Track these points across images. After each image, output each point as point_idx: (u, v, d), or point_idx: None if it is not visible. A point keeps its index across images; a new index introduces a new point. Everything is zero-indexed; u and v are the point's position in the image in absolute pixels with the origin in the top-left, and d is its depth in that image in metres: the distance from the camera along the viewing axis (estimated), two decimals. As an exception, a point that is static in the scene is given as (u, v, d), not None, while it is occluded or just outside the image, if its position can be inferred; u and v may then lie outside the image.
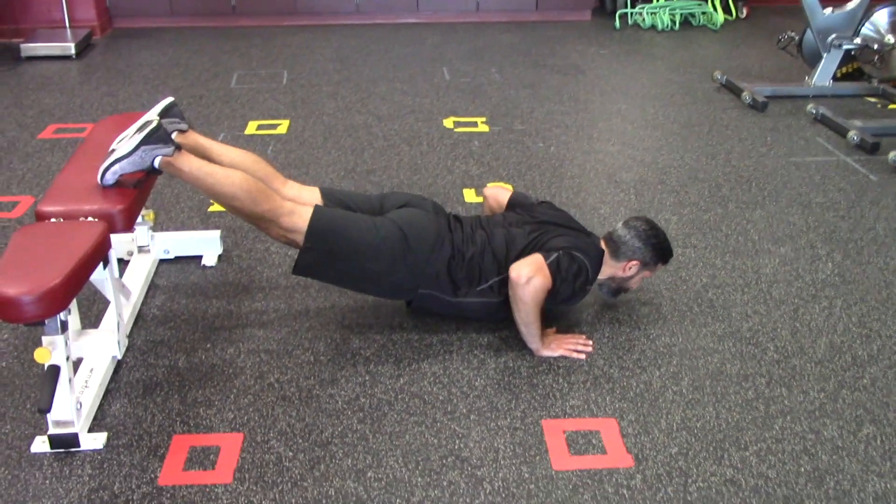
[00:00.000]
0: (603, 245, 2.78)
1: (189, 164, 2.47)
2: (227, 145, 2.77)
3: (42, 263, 2.09)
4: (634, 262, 2.75)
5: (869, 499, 2.12)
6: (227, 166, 2.57)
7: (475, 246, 2.66)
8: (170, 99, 2.69)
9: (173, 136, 2.53)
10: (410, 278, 2.63)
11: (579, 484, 2.16)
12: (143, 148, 2.40)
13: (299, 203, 2.60)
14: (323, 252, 2.56)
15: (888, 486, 2.16)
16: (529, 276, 2.52)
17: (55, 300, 2.03)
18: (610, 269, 2.78)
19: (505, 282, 2.61)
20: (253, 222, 2.56)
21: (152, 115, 2.52)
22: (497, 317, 2.74)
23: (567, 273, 2.61)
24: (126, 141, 2.42)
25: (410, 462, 2.22)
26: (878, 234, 3.49)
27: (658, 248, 2.77)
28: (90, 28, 6.34)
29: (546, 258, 2.57)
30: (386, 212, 2.70)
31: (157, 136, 2.41)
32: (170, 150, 2.42)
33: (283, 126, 4.64)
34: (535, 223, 2.77)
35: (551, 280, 2.56)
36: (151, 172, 2.48)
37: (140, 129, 2.41)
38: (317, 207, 2.57)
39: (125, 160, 2.41)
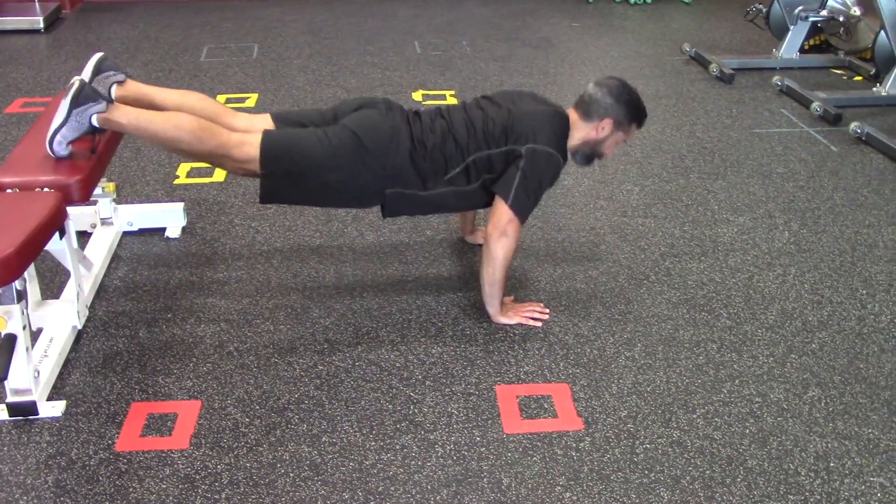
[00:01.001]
0: (572, 111, 2.71)
1: (126, 115, 2.44)
2: (170, 89, 2.73)
3: (-5, 233, 2.10)
4: (607, 121, 2.65)
5: (810, 458, 2.18)
6: (172, 110, 2.54)
7: (436, 135, 2.60)
8: (99, 54, 2.65)
9: (112, 88, 2.52)
10: (374, 179, 2.57)
11: (529, 446, 2.21)
12: (74, 111, 2.38)
13: (250, 132, 2.54)
14: (281, 175, 2.52)
15: (829, 446, 2.23)
16: (502, 229, 2.54)
17: (8, 269, 2.05)
18: (581, 131, 2.69)
19: (470, 167, 2.59)
20: (206, 161, 2.54)
21: (79, 77, 2.49)
22: (471, 203, 2.72)
23: (536, 179, 2.57)
24: (59, 109, 2.41)
25: (365, 427, 2.27)
26: (835, 203, 3.55)
27: (631, 105, 2.66)
28: (59, 2, 6.28)
29: (508, 196, 2.55)
30: (340, 120, 2.64)
31: (84, 96, 2.38)
32: (102, 105, 2.39)
33: (251, 99, 4.64)
34: (491, 103, 2.71)
35: (526, 208, 2.57)
36: (95, 132, 2.47)
37: (67, 94, 2.40)
38: (265, 132, 2.52)
39: (64, 128, 2.40)
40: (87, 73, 2.56)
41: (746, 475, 2.13)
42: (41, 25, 5.86)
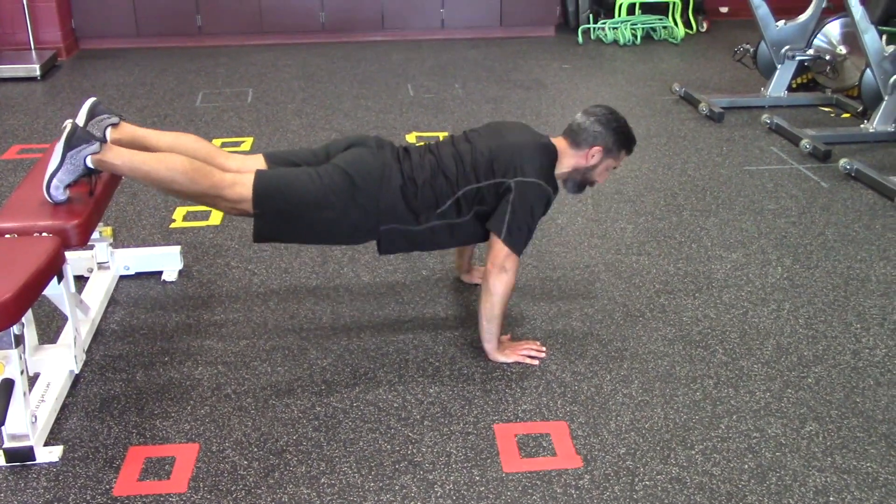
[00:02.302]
0: (561, 140, 2.74)
1: (120, 156, 2.46)
2: (163, 131, 2.76)
3: (-6, 278, 2.11)
4: (597, 149, 2.68)
5: (809, 493, 2.18)
6: (164, 151, 2.57)
7: (425, 171, 2.63)
8: (92, 99, 2.69)
9: (107, 131, 2.55)
10: (367, 217, 2.59)
11: (529, 485, 2.20)
12: (68, 154, 2.41)
13: (242, 173, 2.57)
14: (274, 214, 2.54)
15: (828, 480, 2.23)
16: (501, 264, 2.57)
17: (7, 314, 2.06)
18: (572, 159, 2.72)
19: (461, 201, 2.61)
20: (200, 202, 2.56)
21: (71, 121, 2.52)
22: (463, 238, 2.72)
23: (528, 213, 2.59)
24: (54, 153, 2.44)
25: (364, 468, 2.26)
26: (827, 238, 3.58)
27: (620, 132, 2.69)
28: (56, 50, 6.36)
29: (501, 232, 2.57)
30: (332, 159, 2.67)
31: (77, 139, 2.41)
32: (95, 146, 2.42)
33: (246, 143, 4.68)
34: (480, 136, 2.74)
35: (519, 244, 2.59)
36: (92, 174, 2.49)
37: (59, 138, 2.43)
38: (258, 172, 2.55)
39: (59, 171, 2.43)
40: (81, 118, 2.59)
41: (746, 511, 2.13)
42: (38, 73, 5.92)
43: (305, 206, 2.55)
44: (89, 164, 2.44)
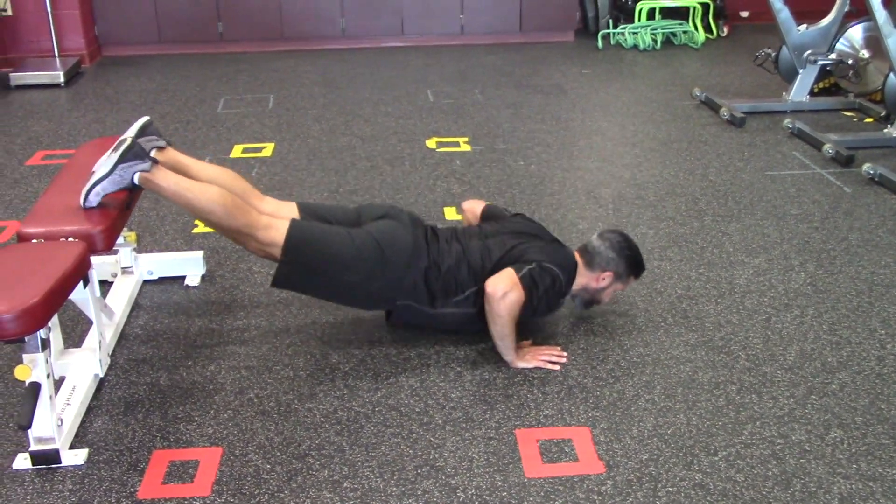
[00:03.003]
0: (577, 256, 2.84)
1: (167, 179, 2.53)
2: (205, 162, 2.84)
3: (22, 282, 2.14)
4: (608, 273, 2.82)
5: (834, 500, 2.17)
6: (204, 182, 2.62)
7: (451, 258, 2.71)
8: (146, 118, 2.75)
9: (152, 153, 2.60)
10: (387, 290, 2.68)
11: (551, 491, 2.20)
12: (120, 166, 2.47)
13: (276, 217, 2.65)
14: (300, 265, 2.61)
15: (853, 487, 2.21)
16: (505, 290, 2.58)
17: (35, 318, 2.08)
18: (584, 279, 2.83)
19: (480, 293, 2.66)
20: (231, 237, 2.63)
21: (128, 134, 2.59)
22: (474, 328, 2.78)
23: (540, 285, 2.66)
24: (104, 162, 2.48)
25: (386, 472, 2.27)
26: (850, 244, 3.56)
27: (631, 260, 2.84)
28: (79, 57, 6.43)
29: (518, 272, 2.62)
30: (363, 224, 2.75)
31: (132, 154, 2.48)
32: (147, 165, 2.49)
33: (268, 149, 4.71)
34: (509, 234, 2.83)
35: (525, 295, 2.62)
36: (133, 190, 2.55)
37: (116, 149, 2.48)
38: (293, 221, 2.63)
39: (106, 180, 2.48)
40: (131, 133, 2.64)
41: (771, 518, 2.11)
42: (61, 80, 5.98)
43: (332, 266, 2.63)
44: (136, 180, 2.51)
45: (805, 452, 2.34)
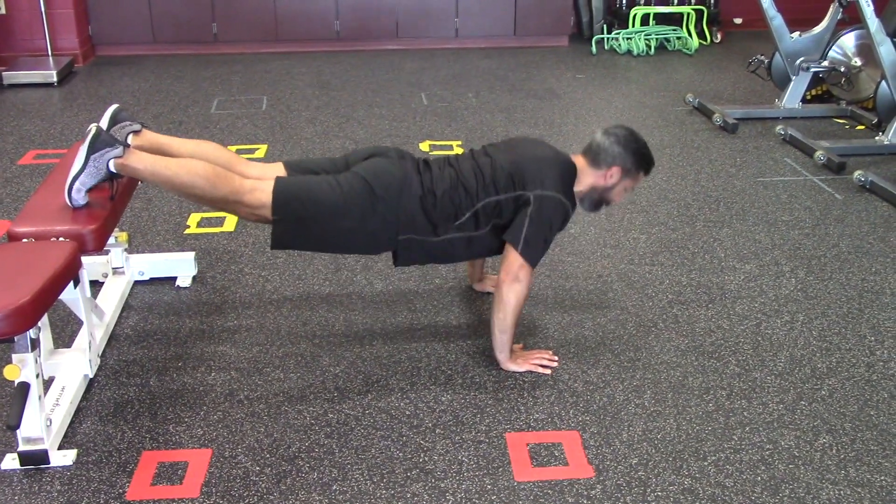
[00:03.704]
0: (580, 158, 2.75)
1: (142, 161, 2.49)
2: (184, 139, 2.78)
3: (11, 282, 2.13)
4: (615, 169, 2.70)
5: (823, 506, 2.18)
6: (186, 157, 2.59)
7: (445, 182, 2.64)
8: (115, 106, 2.72)
9: (129, 138, 2.58)
10: (385, 226, 2.61)
11: (540, 494, 2.20)
12: (92, 157, 2.44)
13: (263, 179, 2.59)
14: (293, 221, 2.56)
15: (841, 493, 2.22)
16: (515, 275, 2.58)
17: (24, 317, 2.07)
18: (590, 178, 2.73)
19: (479, 213, 2.62)
20: (220, 207, 2.58)
21: (93, 125, 2.54)
22: (481, 249, 2.73)
23: (542, 229, 2.60)
24: (78, 157, 2.46)
25: (375, 475, 2.26)
26: (841, 250, 3.57)
27: (638, 154, 2.71)
28: (73, 56, 6.41)
29: (517, 244, 2.58)
30: (351, 168, 2.68)
31: (101, 142, 2.45)
32: (119, 150, 2.45)
33: (261, 150, 4.71)
34: (499, 150, 2.76)
35: (537, 253, 2.60)
36: (113, 179, 2.52)
37: (83, 140, 2.46)
38: (278, 179, 2.57)
39: (82, 175, 2.46)
40: (104, 123, 2.62)
41: (759, 523, 2.12)
42: (54, 79, 5.97)
43: (324, 214, 2.57)
44: (112, 168, 2.47)
45: (794, 458, 2.35)
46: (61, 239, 2.40)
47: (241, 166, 2.69)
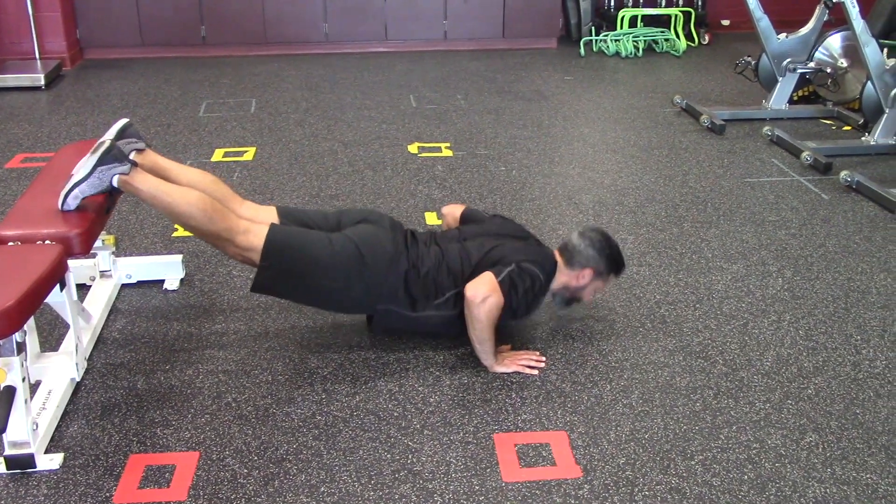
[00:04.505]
0: (557, 255, 2.84)
1: (146, 182, 2.52)
2: (185, 166, 2.82)
3: (-3, 285, 2.12)
4: (588, 271, 2.81)
5: (809, 504, 2.19)
6: (184, 186, 2.61)
7: (430, 261, 2.71)
8: (125, 120, 2.74)
9: (131, 155, 2.59)
10: (367, 294, 2.67)
11: (528, 495, 2.21)
12: (99, 169, 2.45)
13: (256, 222, 2.64)
14: (279, 270, 2.60)
15: (827, 491, 2.23)
16: (485, 295, 2.58)
17: (9, 321, 2.07)
18: (564, 277, 2.82)
19: (461, 295, 2.66)
20: (210, 241, 2.61)
21: (107, 137, 2.57)
22: (455, 330, 2.77)
23: (520, 287, 2.66)
24: (83, 164, 2.47)
25: (363, 477, 2.27)
26: (827, 250, 3.59)
27: (611, 258, 2.84)
28: (60, 59, 6.39)
29: (498, 275, 2.63)
30: (343, 228, 2.74)
31: (111, 156, 2.47)
32: (126, 167, 2.48)
33: (249, 153, 4.70)
34: (487, 235, 2.84)
35: (505, 298, 2.62)
36: (112, 193, 2.53)
37: (95, 151, 2.47)
38: (272, 226, 2.62)
39: (84, 183, 2.46)
40: (110, 135, 2.62)
41: (746, 522, 2.13)
42: (42, 82, 5.95)
43: (312, 270, 2.61)
44: (115, 183, 2.49)
45: (780, 457, 2.36)
46: (47, 242, 2.40)
47: (235, 204, 2.75)
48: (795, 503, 2.19)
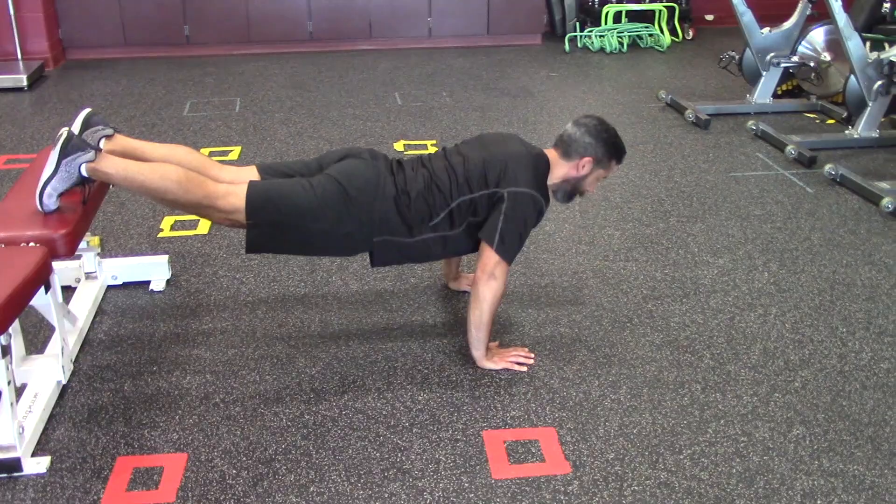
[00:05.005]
0: (552, 151, 2.77)
1: (114, 165, 2.46)
2: (156, 143, 2.76)
3: (-20, 289, 2.11)
4: (587, 159, 2.71)
5: (797, 496, 2.19)
6: (157, 162, 2.57)
7: (419, 183, 2.64)
8: (87, 109, 2.70)
9: (101, 142, 2.55)
10: (360, 227, 2.60)
11: (518, 491, 2.21)
12: (63, 162, 2.41)
13: (236, 183, 2.58)
14: (267, 225, 2.55)
15: (815, 483, 2.24)
16: (490, 274, 2.58)
17: (-6, 324, 2.05)
18: (562, 169, 2.74)
19: (454, 213, 2.62)
20: (193, 212, 2.56)
21: (64, 129, 2.52)
22: (454, 248, 2.72)
23: (517, 231, 2.61)
24: (49, 161, 2.44)
25: (353, 476, 2.26)
26: (812, 244, 3.61)
27: (610, 143, 2.72)
28: (43, 60, 6.34)
29: (497, 243, 2.58)
30: (325, 170, 2.68)
31: (72, 146, 2.41)
32: (90, 154, 2.42)
33: (234, 152, 4.68)
34: (472, 148, 2.76)
35: (513, 249, 2.60)
36: (85, 183, 2.49)
37: (55, 145, 2.43)
38: (251, 183, 2.56)
39: (53, 179, 2.42)
40: (76, 127, 2.59)
41: (734, 515, 2.13)
42: (25, 83, 5.91)
43: (299, 217, 2.56)
44: (84, 172, 2.44)
45: (768, 450, 2.37)
46: (31, 244, 2.38)
47: (214, 170, 2.67)
48: (783, 496, 2.20)
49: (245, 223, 2.54)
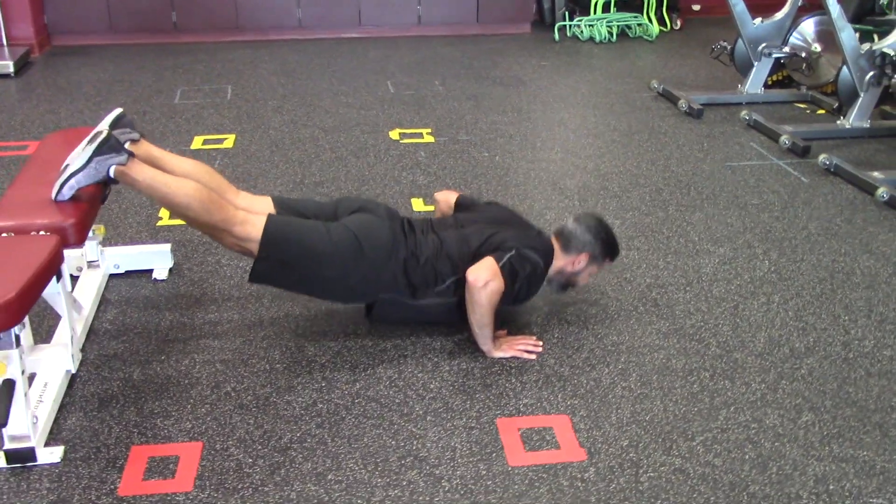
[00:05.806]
0: (553, 240, 2.86)
1: (143, 173, 2.48)
2: (179, 156, 2.78)
3: (-4, 277, 2.08)
4: (584, 256, 2.83)
5: (810, 481, 2.22)
6: (180, 176, 2.58)
7: (429, 249, 2.70)
8: (119, 110, 2.70)
9: (126, 145, 2.55)
10: (367, 283, 2.67)
11: (535, 478, 2.22)
12: (96, 159, 2.41)
13: (252, 213, 2.62)
14: (277, 260, 2.59)
15: (827, 468, 2.27)
16: (486, 279, 2.59)
17: (9, 314, 2.03)
18: (560, 262, 2.84)
19: (461, 282, 2.66)
20: (207, 232, 2.59)
21: (103, 126, 2.53)
22: (455, 317, 2.77)
23: (521, 272, 2.67)
24: (79, 154, 2.43)
25: (370, 464, 2.26)
26: (810, 232, 3.64)
27: (607, 243, 2.87)
28: (28, 46, 6.26)
29: (499, 260, 2.63)
30: (340, 217, 2.73)
31: (108, 146, 2.43)
32: (123, 157, 2.44)
33: (229, 140, 4.65)
34: (485, 222, 2.84)
35: (506, 283, 2.63)
36: (108, 183, 2.50)
37: (91, 141, 2.42)
38: (270, 216, 2.60)
39: (80, 173, 2.42)
40: (104, 125, 2.58)
41: (750, 500, 2.16)
42: (11, 70, 5.83)
43: (310, 260, 2.60)
44: (111, 173, 2.45)
45: (779, 436, 2.40)
46: (42, 233, 2.35)
47: (230, 194, 2.72)
48: (797, 481, 2.23)
49: (255, 253, 2.57)
